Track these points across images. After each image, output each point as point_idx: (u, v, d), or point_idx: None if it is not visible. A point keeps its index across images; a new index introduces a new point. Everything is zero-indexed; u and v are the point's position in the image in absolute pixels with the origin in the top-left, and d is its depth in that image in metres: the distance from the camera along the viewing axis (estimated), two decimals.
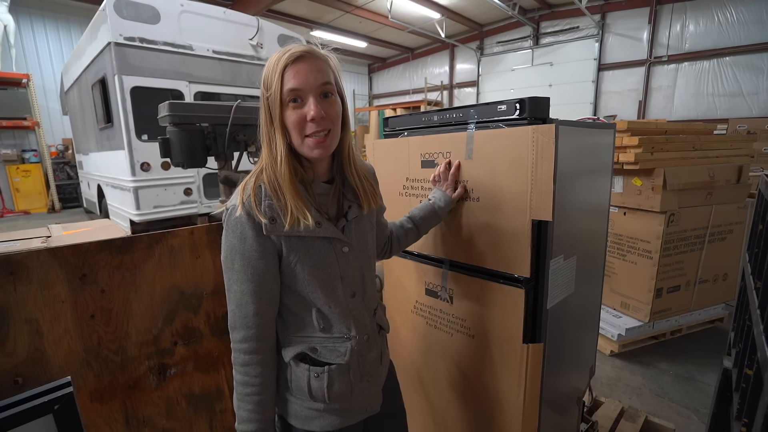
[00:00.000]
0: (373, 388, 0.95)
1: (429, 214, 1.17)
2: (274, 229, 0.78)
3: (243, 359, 0.82)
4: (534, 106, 1.05)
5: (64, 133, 9.12)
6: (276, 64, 0.77)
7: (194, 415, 1.35)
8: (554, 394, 1.29)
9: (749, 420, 0.84)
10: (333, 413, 0.87)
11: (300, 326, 0.87)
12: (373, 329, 0.95)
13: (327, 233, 0.82)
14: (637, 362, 2.60)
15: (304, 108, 0.77)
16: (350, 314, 0.88)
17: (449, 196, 1.19)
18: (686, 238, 2.61)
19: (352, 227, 0.89)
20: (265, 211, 0.77)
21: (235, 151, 2.36)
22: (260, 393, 0.82)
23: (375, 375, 0.94)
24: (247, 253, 0.78)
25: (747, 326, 1.07)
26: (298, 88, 0.76)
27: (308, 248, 0.82)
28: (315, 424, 0.87)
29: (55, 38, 8.97)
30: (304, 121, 0.77)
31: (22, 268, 0.99)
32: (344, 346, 0.87)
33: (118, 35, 4.01)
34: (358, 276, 0.90)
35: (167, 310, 1.25)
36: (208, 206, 4.92)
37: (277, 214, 0.78)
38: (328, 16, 10.66)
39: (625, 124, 2.50)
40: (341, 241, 0.86)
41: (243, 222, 0.77)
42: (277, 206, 0.78)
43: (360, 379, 0.90)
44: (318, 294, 0.84)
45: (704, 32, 8.16)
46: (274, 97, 0.76)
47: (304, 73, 0.76)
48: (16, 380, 1.00)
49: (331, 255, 0.84)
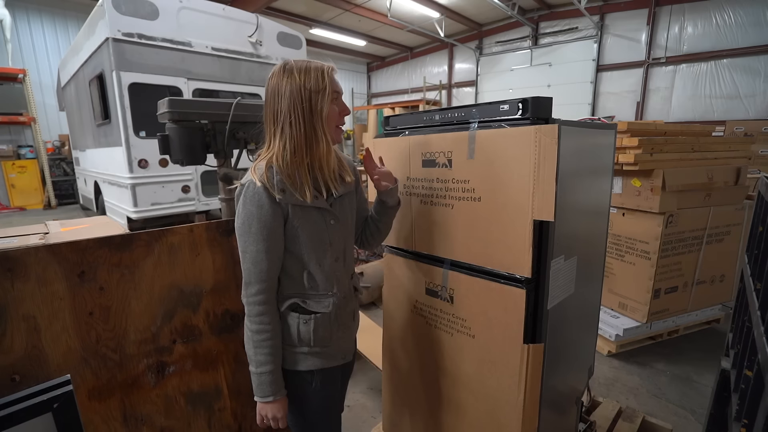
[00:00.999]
0: (348, 338, 1.16)
1: (376, 207, 1.25)
2: (284, 198, 0.98)
3: (258, 310, 1.00)
4: (537, 106, 1.05)
5: (61, 129, 9.05)
6: (321, 70, 0.99)
7: (193, 413, 1.35)
8: (554, 394, 1.30)
9: (749, 421, 0.84)
10: (315, 356, 1.07)
11: (293, 284, 1.06)
12: (350, 289, 1.16)
13: (320, 204, 1.03)
14: (634, 363, 2.61)
15: (340, 105, 1.04)
16: (333, 275, 1.08)
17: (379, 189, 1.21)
18: (684, 240, 2.62)
19: (337, 204, 1.09)
20: (277, 186, 0.97)
21: (234, 148, 2.35)
22: (273, 338, 1.02)
23: (350, 326, 1.17)
24: (264, 217, 0.97)
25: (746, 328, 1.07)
26: (340, 91, 1.04)
27: (307, 216, 1.02)
28: (302, 365, 1.06)
29: (51, 33, 8.89)
30: (338, 115, 1.04)
31: (19, 264, 0.98)
32: (328, 300, 1.07)
33: (116, 31, 3.98)
34: (342, 244, 1.11)
35: (166, 308, 1.25)
36: (206, 204, 4.90)
37: (286, 188, 0.98)
38: (328, 14, 10.63)
39: (625, 125, 2.51)
40: (330, 213, 1.06)
41: (261, 192, 0.96)
42: (286, 182, 0.98)
43: (338, 327, 1.10)
44: (311, 255, 1.03)
45: (702, 34, 8.20)
46: (322, 93, 0.98)
47: (337, 81, 1.03)
48: (14, 378, 0.99)
49: (323, 224, 1.05)
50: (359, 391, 2.34)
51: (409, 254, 1.45)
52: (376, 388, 2.34)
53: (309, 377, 1.07)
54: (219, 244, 1.32)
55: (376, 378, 2.40)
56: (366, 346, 2.33)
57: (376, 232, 1.27)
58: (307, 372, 1.07)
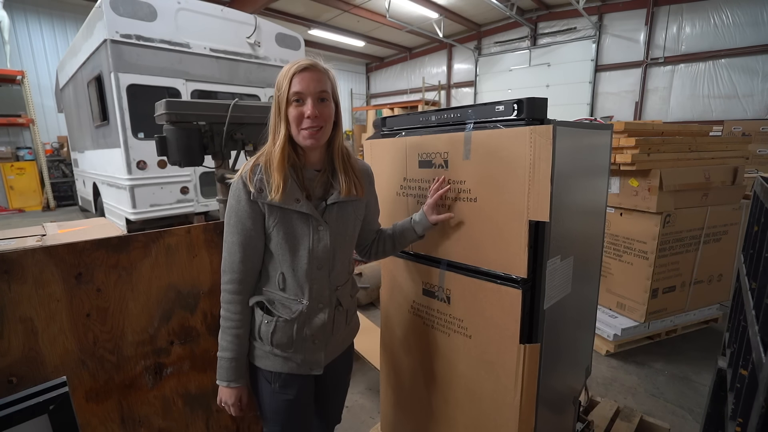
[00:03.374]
0: (317, 350, 1.10)
1: (406, 230, 1.27)
2: (260, 197, 0.99)
3: (227, 298, 1.03)
4: (532, 106, 1.05)
5: (59, 130, 9.05)
6: (287, 72, 0.98)
7: (191, 414, 1.35)
8: (551, 394, 1.30)
9: (744, 420, 0.85)
10: (276, 357, 1.07)
11: (266, 282, 1.07)
12: (331, 302, 1.11)
13: (303, 209, 1.01)
14: (632, 362, 2.61)
15: (304, 107, 0.98)
16: (308, 283, 1.05)
17: (426, 219, 1.23)
18: (682, 239, 2.63)
19: (333, 211, 1.06)
20: (256, 183, 0.99)
21: (232, 149, 2.35)
22: (238, 327, 1.04)
23: (322, 340, 1.10)
24: (240, 212, 1.00)
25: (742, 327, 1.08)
26: (300, 91, 0.97)
27: (286, 218, 1.01)
28: (263, 362, 1.08)
29: (50, 34, 8.89)
30: (302, 117, 0.98)
31: (16, 266, 0.98)
32: (296, 306, 1.05)
33: (115, 32, 3.98)
34: (329, 254, 1.06)
35: (164, 309, 1.25)
36: (204, 205, 4.90)
37: (265, 186, 0.99)
38: (326, 15, 10.64)
39: (622, 126, 2.51)
40: (317, 220, 1.03)
41: (240, 188, 1.00)
42: (266, 180, 0.99)
43: (302, 337, 1.06)
44: (285, 257, 1.03)
45: (700, 34, 8.22)
46: (282, 96, 0.98)
47: (307, 81, 0.97)
48: (11, 380, 0.99)
49: (305, 229, 1.03)
50: (358, 391, 2.34)
51: (406, 255, 1.46)
52: (374, 389, 2.34)
53: (269, 377, 1.08)
54: (216, 245, 1.32)
55: (375, 378, 2.40)
56: (364, 347, 2.33)
57: (390, 249, 1.29)
58: (267, 371, 1.08)
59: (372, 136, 1.54)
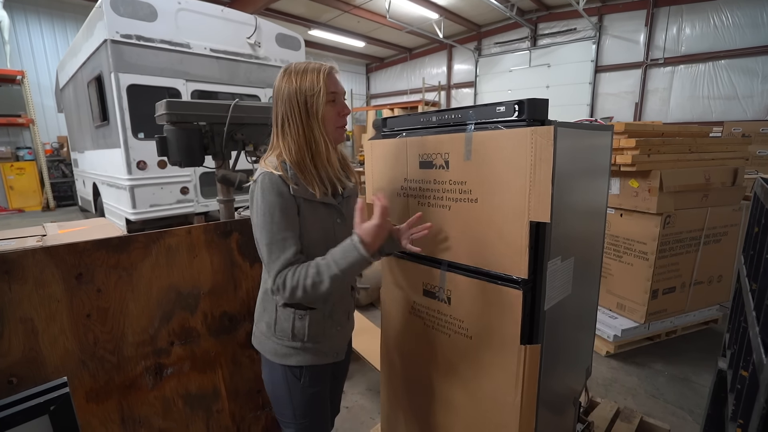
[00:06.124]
0: (341, 336, 1.18)
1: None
2: (297, 191, 1.00)
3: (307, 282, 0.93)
4: (533, 107, 1.05)
5: (59, 130, 9.04)
6: (318, 72, 1.00)
7: (191, 415, 1.35)
8: (551, 395, 1.30)
9: (744, 421, 0.85)
10: (308, 351, 1.09)
11: None
12: (347, 288, 1.17)
13: (329, 201, 1.06)
14: (632, 363, 2.61)
15: (338, 106, 1.05)
16: None
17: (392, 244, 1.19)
18: (682, 240, 2.63)
19: (345, 204, 1.12)
20: (291, 178, 1.00)
21: (232, 150, 2.35)
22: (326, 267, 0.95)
23: (344, 325, 1.18)
24: (285, 205, 0.98)
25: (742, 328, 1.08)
26: (337, 91, 1.04)
27: (315, 210, 1.04)
28: (293, 359, 1.09)
29: (50, 34, 8.88)
30: (337, 116, 1.05)
31: (17, 267, 0.98)
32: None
33: (115, 32, 3.98)
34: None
35: (164, 310, 1.25)
36: (205, 205, 4.90)
37: (299, 181, 1.00)
38: (326, 16, 10.64)
39: (622, 126, 2.52)
40: (337, 211, 1.09)
41: (280, 182, 0.98)
42: (299, 176, 1.00)
43: (331, 325, 1.12)
44: (315, 250, 1.02)
45: (700, 35, 8.22)
46: (317, 96, 0.99)
47: (337, 81, 1.05)
48: (11, 380, 0.99)
49: (330, 221, 1.08)
50: (358, 392, 2.34)
51: (406, 256, 1.46)
52: (374, 389, 2.34)
53: (298, 372, 1.10)
54: (217, 245, 1.32)
55: (375, 379, 2.40)
56: (364, 347, 2.33)
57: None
58: (297, 367, 1.10)
59: (373, 136, 1.54)
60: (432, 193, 1.31)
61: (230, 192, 2.37)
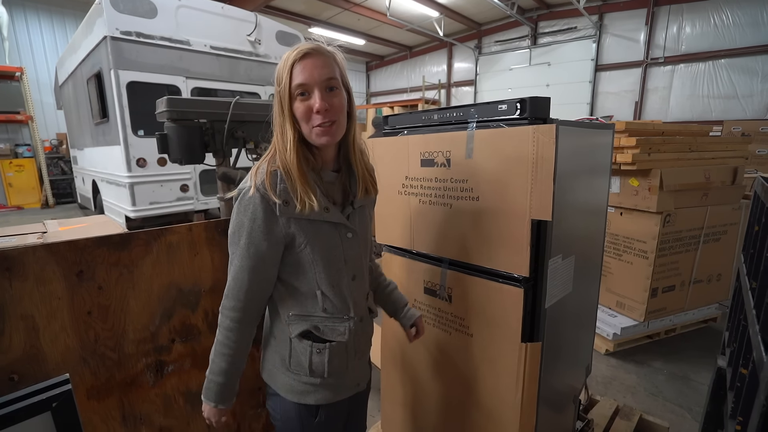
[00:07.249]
0: (363, 366, 1.06)
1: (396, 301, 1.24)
2: (287, 211, 0.84)
3: (227, 324, 0.91)
4: (534, 106, 1.05)
5: (59, 127, 9.02)
6: (286, 61, 0.83)
7: (192, 412, 1.35)
8: (551, 393, 1.30)
9: (744, 418, 0.85)
10: (328, 387, 0.96)
11: (304, 306, 0.94)
12: (366, 311, 1.04)
13: (334, 218, 0.90)
14: (632, 361, 2.62)
15: (311, 101, 0.83)
16: (350, 296, 0.96)
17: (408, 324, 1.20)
18: (681, 239, 2.63)
19: (356, 215, 0.97)
20: (281, 194, 0.83)
21: (233, 147, 2.35)
22: (234, 355, 0.93)
23: (366, 353, 1.06)
24: (254, 233, 0.84)
25: (742, 326, 1.08)
26: (304, 82, 0.82)
27: (317, 231, 0.89)
28: (310, 398, 0.96)
29: (49, 31, 8.85)
30: (310, 113, 0.84)
31: (17, 264, 0.98)
32: (343, 325, 0.95)
33: (115, 29, 3.97)
34: (360, 261, 0.98)
35: (165, 307, 1.24)
36: (204, 203, 4.89)
37: (290, 198, 0.84)
38: (327, 13, 10.61)
39: (622, 125, 2.52)
40: (346, 227, 0.93)
41: (256, 203, 0.83)
42: (290, 190, 0.84)
43: (354, 355, 0.99)
44: (323, 275, 0.91)
45: (700, 34, 8.21)
46: (284, 90, 0.83)
47: (310, 69, 0.82)
48: (12, 377, 0.99)
49: (337, 239, 0.92)
50: None
51: (407, 254, 1.46)
52: (375, 387, 2.33)
53: (315, 411, 0.97)
54: (218, 243, 1.32)
55: (375, 377, 2.39)
56: None
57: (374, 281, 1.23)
58: (314, 406, 0.97)
59: (374, 134, 1.54)
60: (433, 191, 1.31)
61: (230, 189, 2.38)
